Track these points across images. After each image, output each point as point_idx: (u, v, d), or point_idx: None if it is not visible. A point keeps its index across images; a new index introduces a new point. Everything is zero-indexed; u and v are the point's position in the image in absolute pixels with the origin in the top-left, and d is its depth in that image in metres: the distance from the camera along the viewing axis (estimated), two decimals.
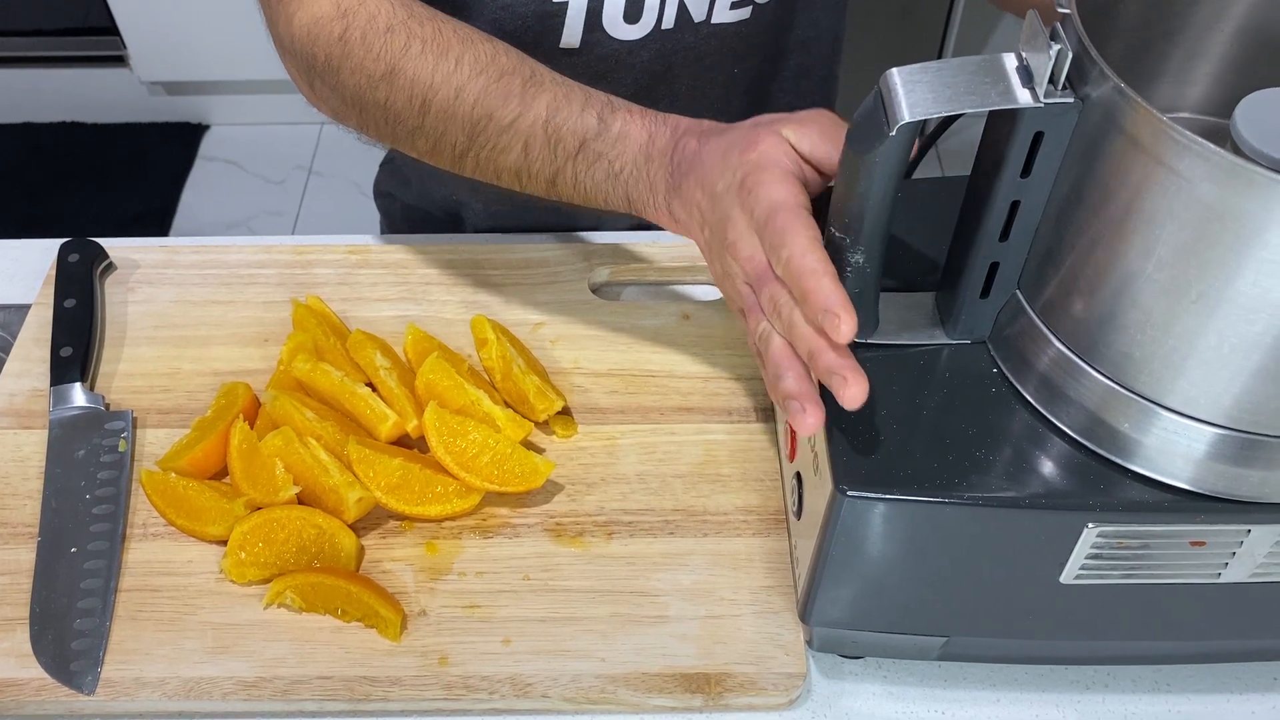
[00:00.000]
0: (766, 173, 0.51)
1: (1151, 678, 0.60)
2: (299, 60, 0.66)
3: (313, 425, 0.64)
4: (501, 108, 0.60)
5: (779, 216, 0.49)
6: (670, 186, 0.57)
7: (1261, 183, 0.39)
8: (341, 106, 0.66)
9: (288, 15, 0.64)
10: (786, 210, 0.50)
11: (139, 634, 0.60)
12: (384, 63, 0.61)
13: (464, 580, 0.62)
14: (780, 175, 0.51)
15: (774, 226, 0.49)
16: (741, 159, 0.53)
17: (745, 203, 0.51)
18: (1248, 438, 0.46)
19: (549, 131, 0.59)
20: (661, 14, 0.73)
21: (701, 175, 0.55)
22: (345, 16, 0.62)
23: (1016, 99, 0.43)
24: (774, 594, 0.61)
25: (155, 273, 0.76)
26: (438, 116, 0.61)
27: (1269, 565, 0.50)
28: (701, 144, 0.56)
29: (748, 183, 0.52)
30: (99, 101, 2.06)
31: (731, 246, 0.53)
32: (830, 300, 0.46)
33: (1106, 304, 0.46)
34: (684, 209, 0.56)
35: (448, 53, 0.61)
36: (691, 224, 0.57)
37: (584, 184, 0.60)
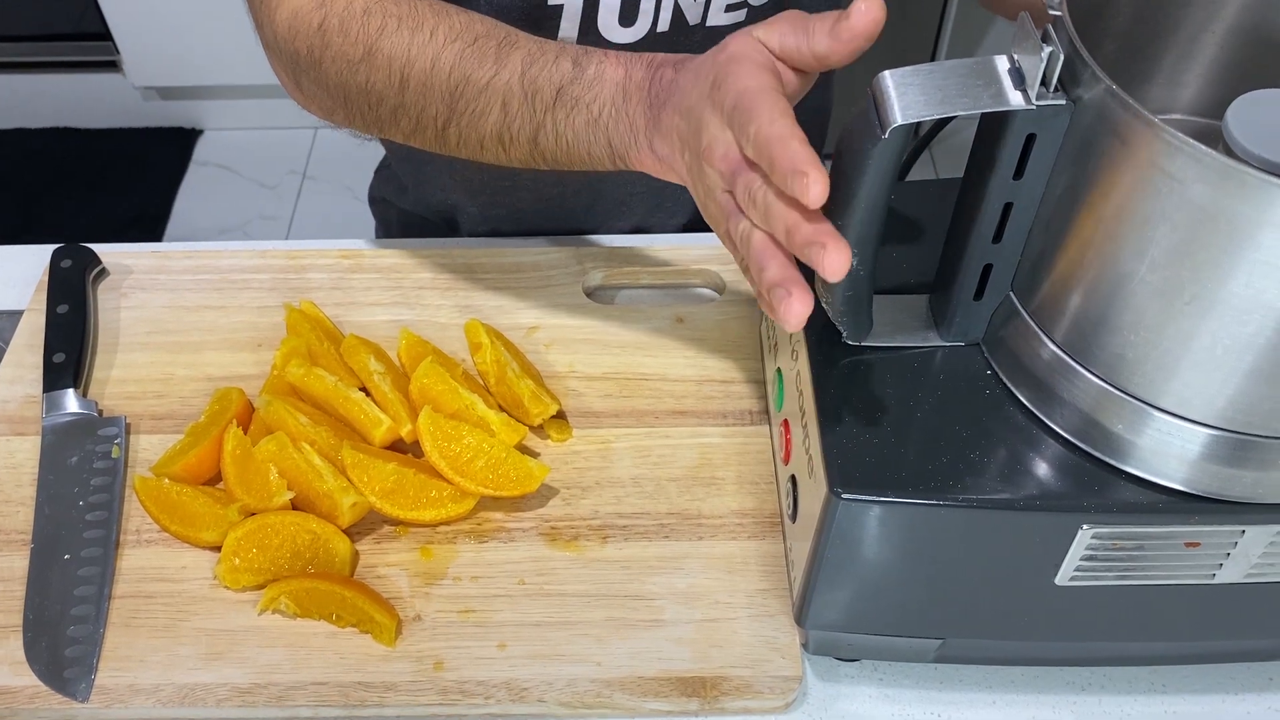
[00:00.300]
0: (736, 65, 0.49)
1: (1147, 679, 0.60)
2: (284, 59, 0.65)
3: (306, 430, 0.64)
4: (478, 69, 0.59)
5: (745, 98, 0.47)
6: (650, 121, 0.55)
7: (1253, 184, 0.39)
8: (328, 100, 0.65)
9: (270, 13, 0.64)
10: (753, 91, 0.47)
11: (133, 640, 0.59)
12: (362, 45, 0.61)
13: (459, 585, 0.62)
14: (750, 67, 0.49)
15: (741, 107, 0.47)
16: (713, 62, 0.51)
17: (716, 100, 0.49)
18: (1241, 438, 0.46)
19: (525, 84, 0.58)
20: (656, 17, 0.73)
21: (679, 99, 0.53)
22: (323, 6, 0.62)
23: (1009, 101, 0.43)
24: (769, 597, 0.61)
25: (148, 278, 0.76)
26: (417, 89, 0.61)
27: (1263, 566, 0.50)
28: (678, 71, 0.54)
29: (718, 80, 0.50)
30: (92, 107, 2.06)
31: (707, 151, 0.50)
32: (797, 159, 0.43)
33: (1100, 305, 0.46)
34: (664, 142, 0.54)
35: (422, 25, 0.60)
36: (674, 156, 0.54)
37: (565, 136, 0.58)
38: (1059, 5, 0.43)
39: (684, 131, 0.53)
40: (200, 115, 2.09)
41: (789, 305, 0.46)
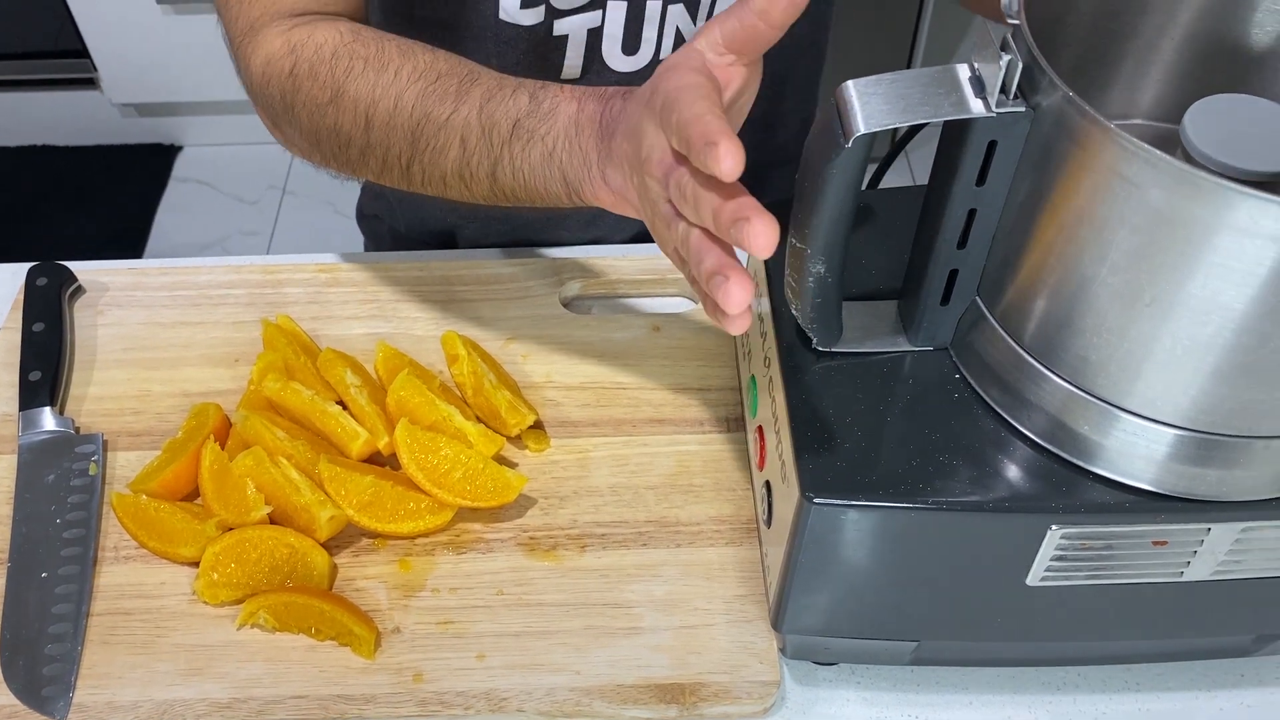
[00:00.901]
0: (669, 72, 0.49)
1: (1121, 677, 0.61)
2: (262, 104, 0.66)
3: (284, 444, 0.64)
4: (438, 106, 0.59)
5: (672, 93, 0.47)
6: (602, 153, 0.55)
7: (1208, 189, 0.39)
8: (303, 143, 0.66)
9: (247, 60, 0.65)
10: (679, 87, 0.47)
11: (111, 658, 0.59)
12: (329, 88, 0.62)
13: (438, 596, 0.62)
14: (681, 71, 0.48)
15: (668, 103, 0.47)
16: (653, 78, 0.51)
17: (651, 105, 0.49)
18: (1205, 438, 0.47)
19: (483, 119, 0.58)
20: (659, 45, 0.74)
21: (625, 123, 0.53)
22: (294, 52, 0.63)
23: (969, 109, 0.44)
24: (747, 603, 0.62)
25: (124, 295, 0.76)
26: (381, 129, 0.61)
27: (1230, 563, 0.50)
28: (627, 99, 0.54)
29: (654, 88, 0.49)
30: (70, 124, 2.06)
31: (646, 161, 0.49)
32: (709, 131, 0.43)
33: (1063, 309, 0.46)
34: (616, 171, 0.54)
35: (387, 66, 0.61)
36: (626, 185, 0.54)
37: (522, 171, 0.58)
38: (1017, 14, 0.43)
39: (630, 153, 0.52)
40: (179, 131, 2.08)
41: (727, 290, 0.44)
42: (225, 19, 0.66)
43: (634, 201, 0.54)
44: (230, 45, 0.67)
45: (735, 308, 0.45)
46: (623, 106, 0.54)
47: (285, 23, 0.64)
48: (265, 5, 0.64)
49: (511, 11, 0.71)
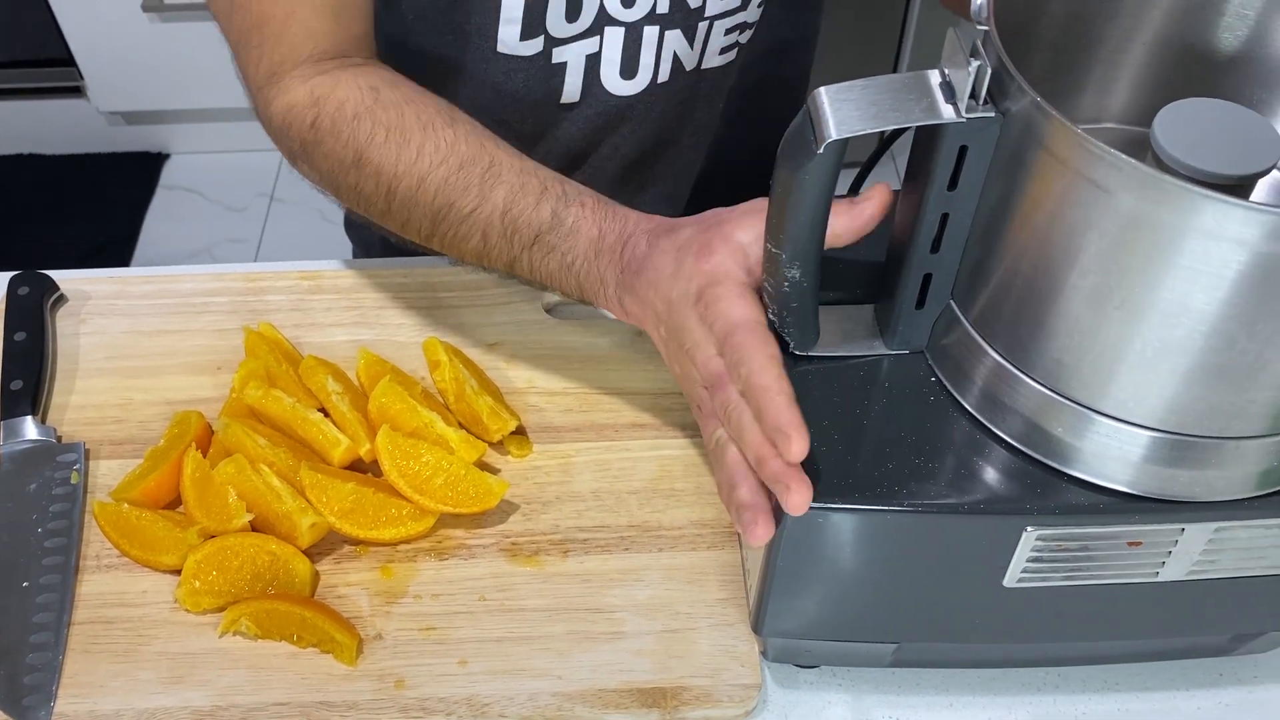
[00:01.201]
0: (722, 287, 0.53)
1: (1100, 677, 0.61)
2: (280, 143, 0.68)
3: (265, 452, 0.64)
4: (461, 198, 0.62)
5: (737, 335, 0.51)
6: (620, 283, 0.59)
7: (1174, 193, 0.40)
8: (321, 183, 0.68)
9: (266, 101, 0.66)
10: (745, 329, 0.51)
11: (93, 666, 0.59)
12: (351, 150, 0.63)
13: (420, 603, 0.62)
14: (737, 290, 0.52)
15: (733, 344, 0.51)
16: (696, 269, 0.54)
17: (704, 316, 0.53)
18: (1177, 439, 0.47)
19: (505, 223, 0.62)
20: (656, 70, 0.75)
21: (654, 278, 0.56)
22: (317, 104, 0.64)
23: (940, 114, 0.44)
24: (729, 606, 0.62)
25: (107, 304, 0.76)
26: (403, 204, 0.63)
27: (1204, 563, 0.51)
28: (651, 246, 0.57)
29: (705, 296, 0.53)
30: (57, 133, 2.05)
31: (690, 353, 0.54)
32: (783, 419, 0.47)
33: (1036, 312, 0.47)
34: (637, 305, 0.58)
35: (409, 142, 0.63)
36: (645, 319, 0.58)
37: (539, 271, 0.62)
38: (986, 20, 0.44)
39: (662, 313, 0.56)
40: (166, 139, 2.08)
41: (754, 531, 0.50)
42: (243, 61, 0.67)
43: (651, 334, 0.59)
44: (247, 83, 0.68)
45: (757, 543, 0.50)
46: (646, 254, 0.57)
47: (307, 69, 0.65)
48: (286, 52, 0.65)
49: (511, 44, 0.72)
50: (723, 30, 0.75)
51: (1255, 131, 0.46)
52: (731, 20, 0.75)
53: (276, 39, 0.65)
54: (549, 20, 0.71)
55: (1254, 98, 0.50)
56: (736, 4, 0.74)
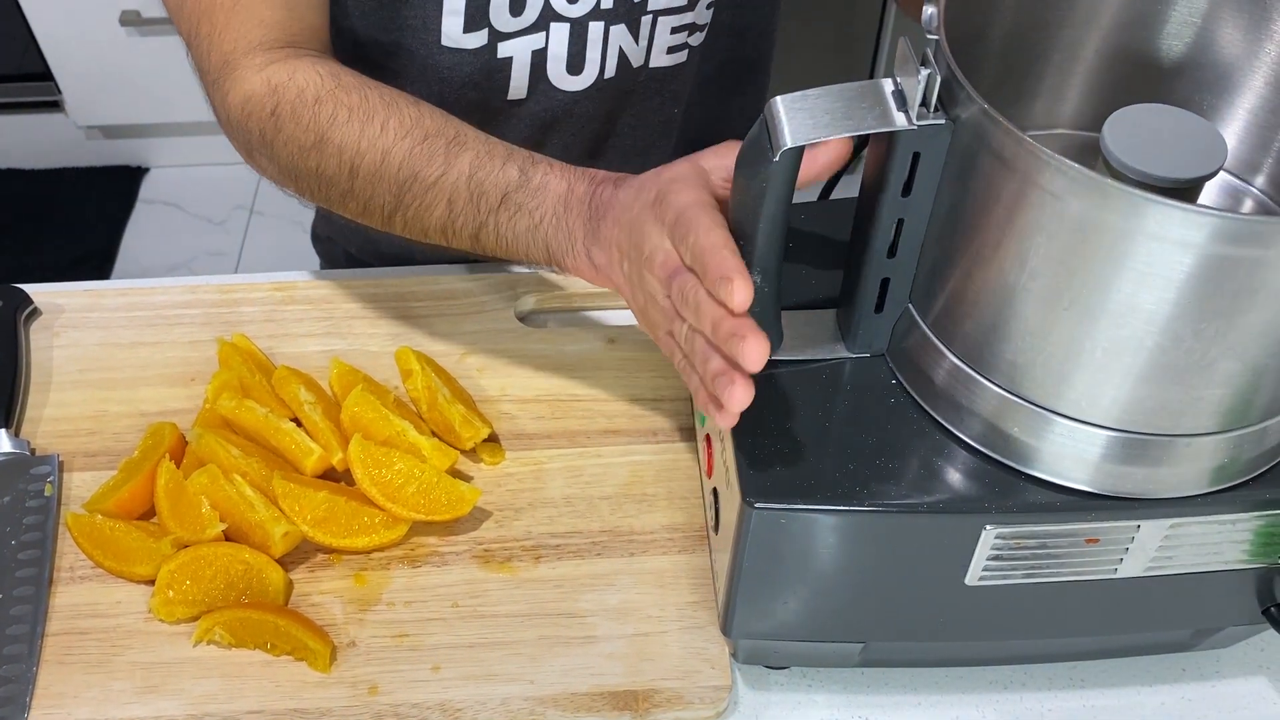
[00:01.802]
0: (678, 183, 0.53)
1: (1066, 674, 0.62)
2: (237, 136, 0.67)
3: (238, 462, 0.65)
4: (426, 167, 0.62)
5: (687, 212, 0.51)
6: (588, 232, 0.59)
7: (1120, 197, 0.41)
8: (279, 175, 0.67)
9: (223, 94, 0.66)
10: (694, 206, 0.51)
11: (67, 677, 0.60)
12: (313, 133, 0.63)
13: (393, 610, 0.62)
14: (692, 184, 0.53)
15: (682, 220, 0.51)
16: (655, 180, 0.55)
17: (658, 213, 0.53)
18: (1131, 437, 0.48)
19: (472, 186, 0.61)
20: (603, 65, 0.76)
21: (617, 213, 0.57)
22: (276, 93, 0.64)
23: (893, 122, 0.45)
24: (699, 609, 0.63)
25: (81, 316, 0.77)
26: (366, 179, 0.63)
27: (1161, 559, 0.52)
28: (617, 188, 0.58)
29: (660, 195, 0.53)
30: (36, 147, 2.05)
31: (649, 259, 0.54)
32: (725, 267, 0.47)
33: (990, 315, 0.48)
34: (602, 251, 0.58)
35: (373, 118, 0.63)
36: (612, 265, 0.58)
37: (505, 237, 0.62)
38: (937, 29, 0.45)
39: (623, 243, 0.56)
40: (145, 153, 2.08)
41: (733, 392, 0.49)
42: (196, 53, 0.67)
43: (616, 280, 0.58)
44: (202, 78, 0.68)
45: (737, 407, 0.49)
46: (613, 193, 0.57)
47: (259, 57, 0.65)
48: (235, 39, 0.65)
49: (454, 36, 0.72)
50: (668, 29, 0.75)
51: (1202, 136, 0.47)
52: (678, 19, 0.75)
53: (224, 26, 0.64)
54: (492, 14, 0.71)
55: (1201, 103, 0.51)
56: (683, 2, 0.74)
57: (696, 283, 0.50)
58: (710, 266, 0.48)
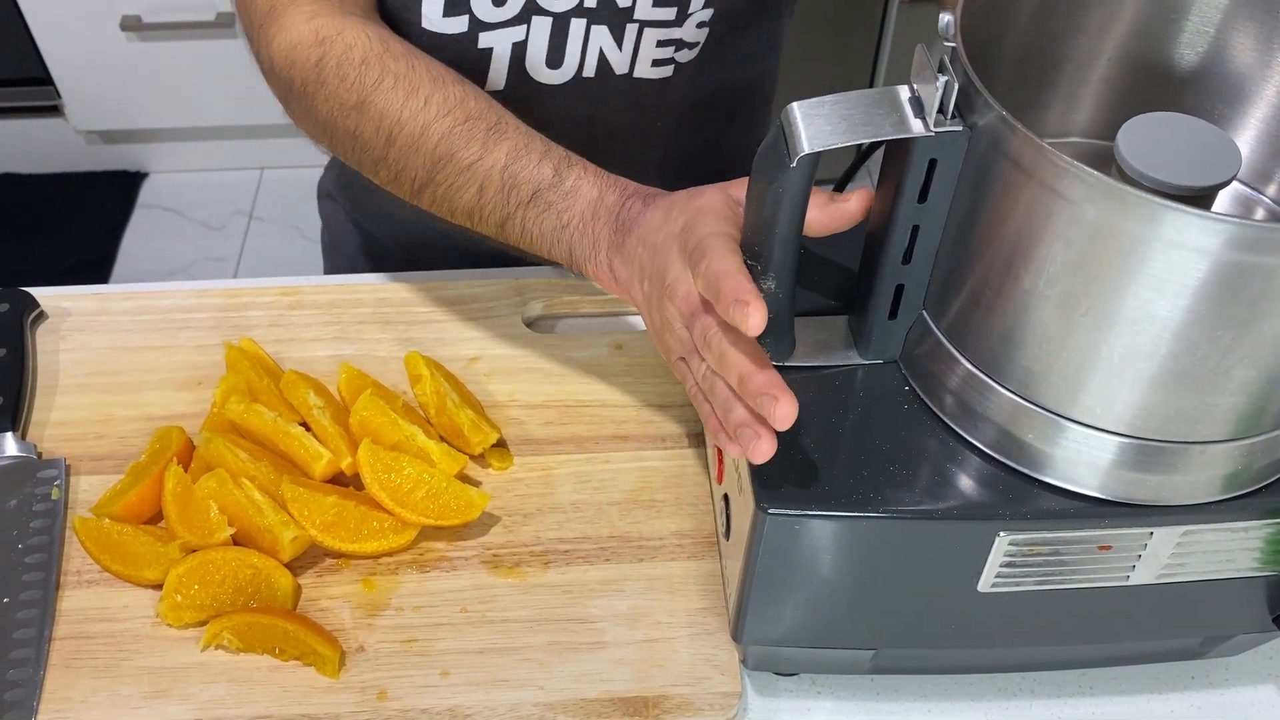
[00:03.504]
0: (705, 214, 0.54)
1: (1076, 682, 0.62)
2: (278, 83, 0.68)
3: (246, 466, 0.65)
4: (464, 149, 0.62)
5: (704, 241, 0.52)
6: (613, 244, 0.59)
7: (1137, 203, 0.41)
8: (314, 129, 0.67)
9: (268, 39, 0.66)
10: (713, 235, 0.52)
11: (74, 682, 0.59)
12: (356, 93, 0.63)
13: (402, 615, 0.62)
14: (717, 217, 0.53)
15: (699, 249, 0.52)
16: (685, 207, 0.55)
17: (682, 242, 0.54)
18: (1145, 444, 0.48)
19: (505, 177, 0.61)
20: (583, 63, 0.75)
21: (644, 231, 0.57)
22: (323, 44, 0.64)
23: (910, 129, 0.45)
24: (709, 615, 0.62)
25: (87, 320, 0.76)
26: (402, 150, 0.63)
27: (1173, 566, 0.52)
28: (646, 205, 0.58)
29: (687, 224, 0.54)
30: (35, 152, 2.05)
31: (670, 289, 0.54)
32: (739, 290, 0.47)
33: (1005, 321, 0.48)
34: (624, 265, 0.58)
35: (418, 90, 0.63)
36: (632, 280, 0.59)
37: (531, 232, 0.62)
38: (953, 37, 0.45)
39: (646, 263, 0.56)
40: (144, 158, 2.08)
41: (757, 446, 0.49)
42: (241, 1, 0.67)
43: (635, 297, 0.59)
44: (246, 26, 0.68)
45: (762, 459, 0.50)
46: (642, 210, 0.58)
47: (308, 6, 0.65)
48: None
49: (435, 20, 0.72)
50: (654, 41, 0.74)
51: (1215, 144, 0.47)
52: (664, 33, 0.74)
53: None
54: (474, 1, 0.71)
55: (1214, 112, 0.52)
56: (670, 17, 0.73)
57: (720, 330, 0.51)
58: (724, 290, 0.48)
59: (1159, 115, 0.49)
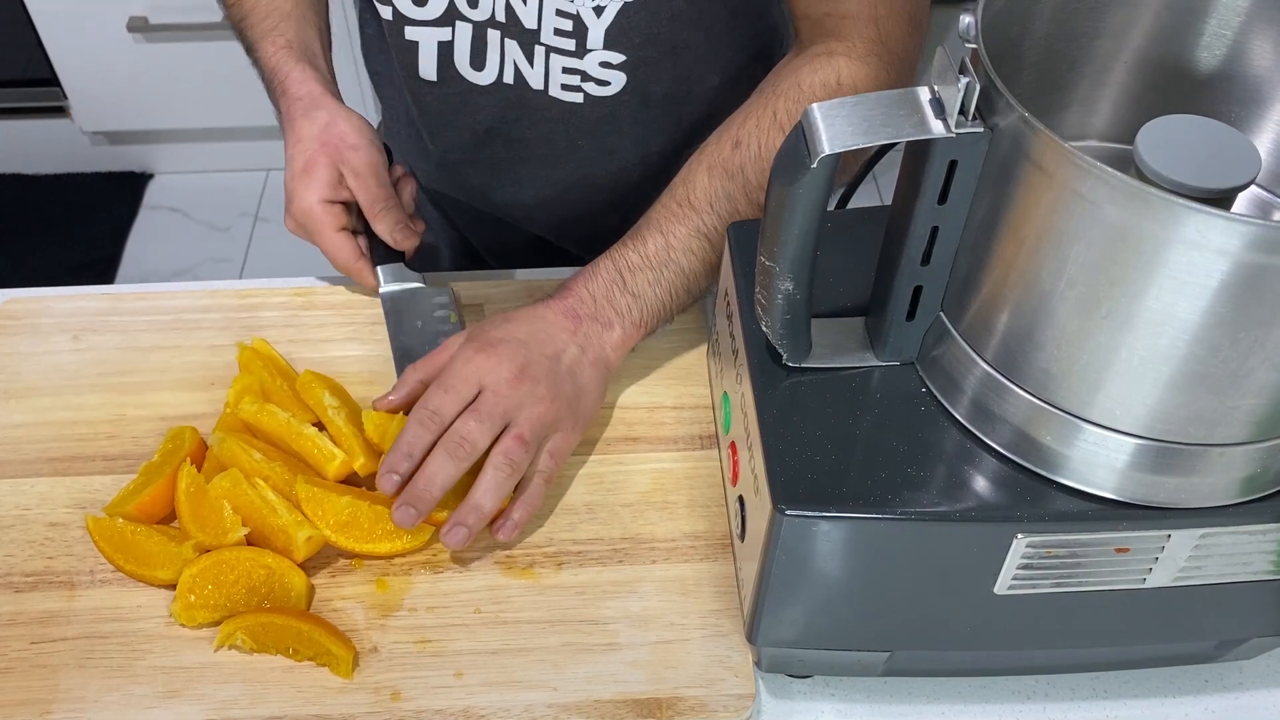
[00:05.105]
0: (316, 170, 0.75)
1: (1089, 685, 0.62)
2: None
3: (260, 466, 0.65)
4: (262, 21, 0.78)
5: (312, 211, 0.76)
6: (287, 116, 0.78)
7: (1159, 204, 0.41)
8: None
9: None
10: (318, 205, 0.75)
11: (88, 681, 0.59)
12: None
13: (415, 615, 0.62)
14: (328, 168, 0.75)
15: (309, 223, 0.77)
16: (319, 138, 0.76)
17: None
18: (1163, 446, 0.48)
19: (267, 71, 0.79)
20: (501, 70, 0.77)
21: (288, 139, 0.78)
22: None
23: (930, 130, 0.45)
24: (722, 617, 0.62)
25: (100, 320, 0.77)
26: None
27: (1190, 569, 0.52)
28: (302, 116, 0.76)
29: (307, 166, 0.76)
30: (41, 153, 2.05)
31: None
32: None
33: (1024, 322, 0.48)
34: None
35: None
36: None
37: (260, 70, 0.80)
38: (975, 39, 0.45)
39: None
40: (150, 159, 2.08)
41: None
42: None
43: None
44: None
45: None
46: (292, 119, 0.78)
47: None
48: None
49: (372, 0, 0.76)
50: (560, 68, 0.75)
51: (1234, 146, 0.47)
52: (568, 61, 0.75)
53: None
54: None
55: (1232, 114, 0.52)
56: (571, 47, 0.73)
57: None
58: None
59: (1178, 118, 0.48)
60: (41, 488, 0.68)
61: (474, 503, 0.62)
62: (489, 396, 0.63)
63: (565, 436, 0.66)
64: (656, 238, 0.68)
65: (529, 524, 0.66)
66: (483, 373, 0.64)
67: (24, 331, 0.76)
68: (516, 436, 0.63)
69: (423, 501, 0.61)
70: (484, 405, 0.63)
